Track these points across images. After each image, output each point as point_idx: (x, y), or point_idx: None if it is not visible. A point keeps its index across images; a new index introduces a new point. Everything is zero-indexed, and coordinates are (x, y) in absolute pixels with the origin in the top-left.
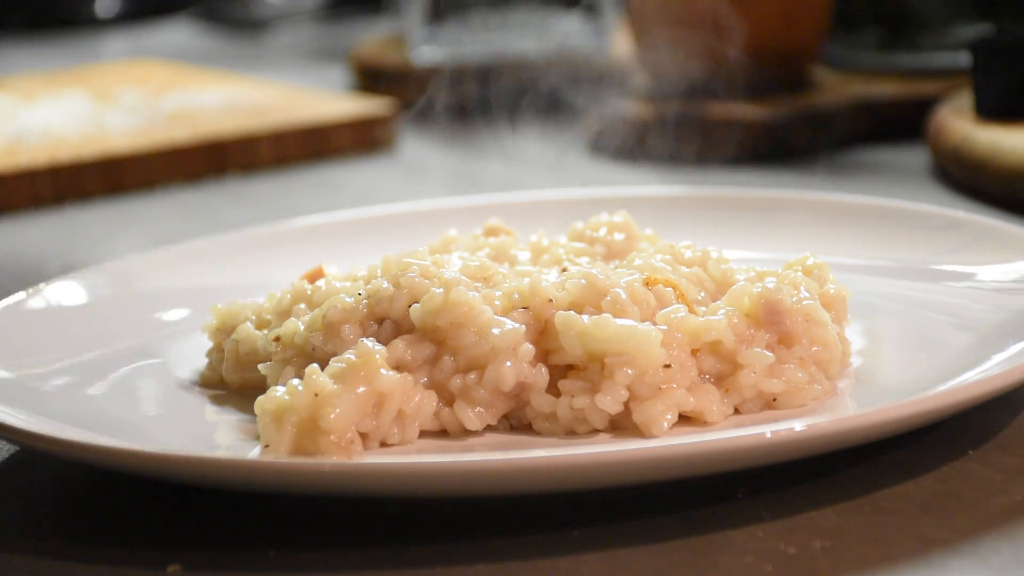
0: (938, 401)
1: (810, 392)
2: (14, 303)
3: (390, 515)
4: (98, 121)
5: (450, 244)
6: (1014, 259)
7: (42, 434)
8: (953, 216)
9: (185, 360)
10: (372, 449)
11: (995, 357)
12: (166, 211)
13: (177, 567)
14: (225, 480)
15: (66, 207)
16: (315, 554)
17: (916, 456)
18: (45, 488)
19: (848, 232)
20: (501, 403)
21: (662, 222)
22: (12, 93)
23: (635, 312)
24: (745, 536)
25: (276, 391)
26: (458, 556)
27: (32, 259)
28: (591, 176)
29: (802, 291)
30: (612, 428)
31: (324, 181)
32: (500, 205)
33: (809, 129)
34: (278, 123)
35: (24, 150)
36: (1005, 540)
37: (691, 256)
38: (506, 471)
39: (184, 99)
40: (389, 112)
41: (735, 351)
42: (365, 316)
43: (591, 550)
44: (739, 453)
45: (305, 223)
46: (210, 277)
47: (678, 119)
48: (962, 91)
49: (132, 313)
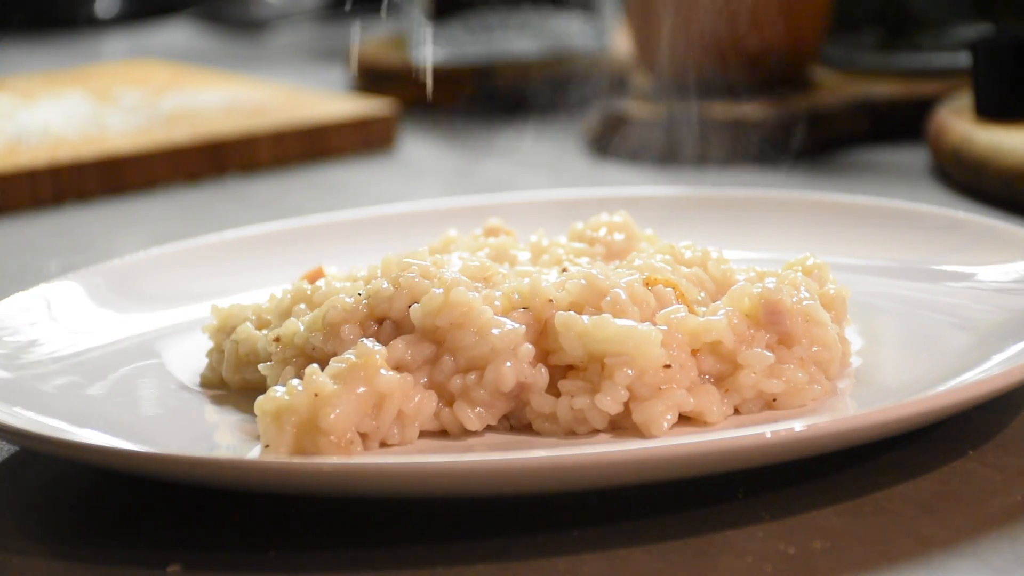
0: (938, 401)
1: (810, 392)
2: (14, 303)
3: (390, 515)
4: (98, 121)
5: (450, 244)
6: (1014, 259)
7: (42, 434)
8: (953, 216)
9: (185, 360)
10: (372, 449)
11: (995, 357)
12: (166, 211)
13: (177, 567)
14: (225, 480)
15: (66, 207)
16: (315, 554)
17: (916, 456)
18: (45, 488)
19: (848, 232)
20: (501, 403)
21: (662, 222)
22: (12, 93)
23: (635, 312)
24: (745, 536)
25: (276, 391)
26: (458, 556)
27: (32, 259)
28: (591, 176)
29: (802, 291)
30: (612, 428)
31: (324, 181)
32: (500, 205)
33: (809, 129)
34: (278, 123)
35: (24, 150)
36: (1005, 540)
37: (691, 256)
38: (506, 471)
39: (184, 99)
40: (389, 112)
41: (735, 351)
42: (365, 316)
43: (591, 550)
44: (739, 453)
45: (305, 223)
46: (210, 277)
47: (678, 119)
48: (962, 91)
49: (132, 313)
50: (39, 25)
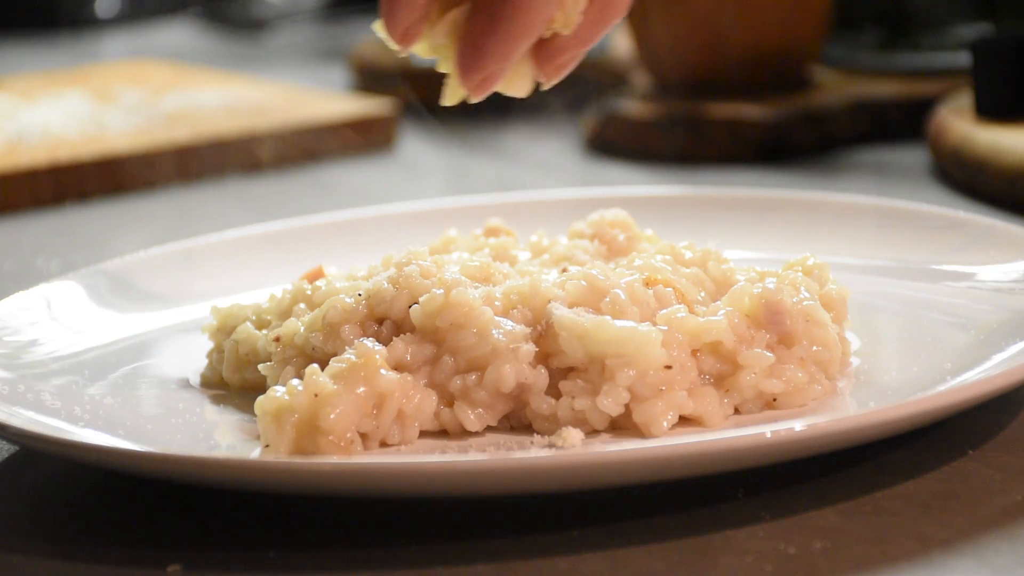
0: (938, 401)
1: (810, 392)
2: (14, 303)
3: (390, 515)
4: (98, 121)
5: (450, 244)
6: (1014, 259)
7: (42, 434)
8: (953, 216)
9: (185, 360)
10: (372, 449)
11: (995, 357)
12: (166, 211)
13: (177, 567)
14: (225, 480)
15: (66, 207)
16: (315, 554)
17: (916, 456)
18: (45, 488)
19: (848, 232)
20: (501, 404)
21: (662, 222)
22: (12, 93)
23: (635, 312)
24: (745, 536)
25: (276, 391)
26: (458, 556)
27: (32, 259)
28: (591, 176)
29: (802, 291)
30: (612, 428)
31: (324, 181)
32: (500, 205)
33: (809, 129)
34: (278, 123)
35: (24, 150)
36: (1005, 540)
37: (691, 256)
38: (506, 471)
39: (184, 99)
40: (389, 112)
41: (735, 351)
42: (365, 316)
43: (591, 550)
44: (739, 453)
45: (305, 223)
46: (210, 277)
47: (678, 119)
48: (962, 91)
49: (132, 313)
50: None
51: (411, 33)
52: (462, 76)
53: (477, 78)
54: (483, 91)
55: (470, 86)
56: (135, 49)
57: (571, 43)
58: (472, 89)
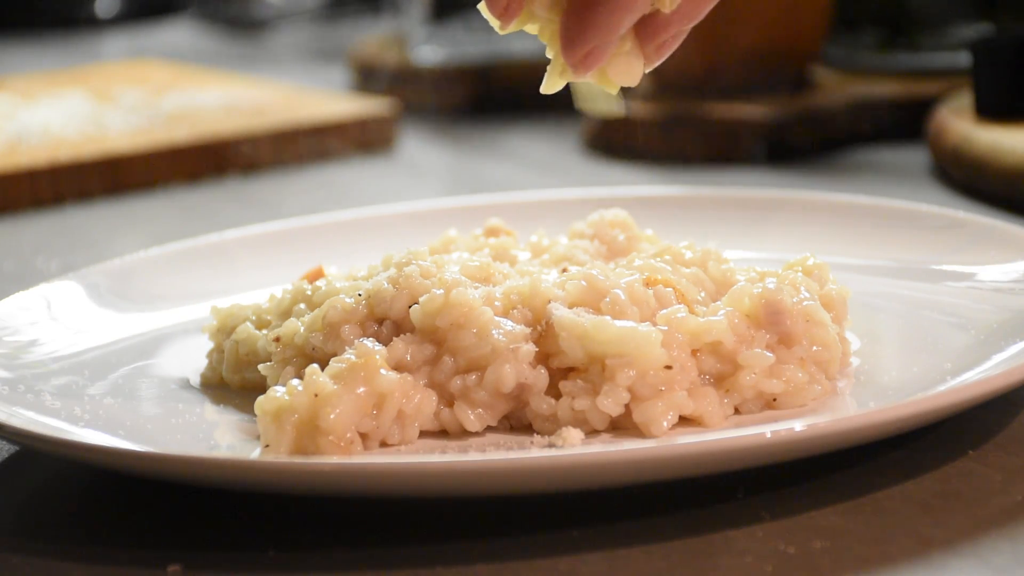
0: (938, 401)
1: (810, 392)
2: (14, 303)
3: (390, 515)
4: (98, 121)
5: (450, 244)
6: (1014, 259)
7: (42, 434)
8: (953, 216)
9: (185, 360)
10: (372, 449)
11: (995, 357)
12: (166, 211)
13: (177, 567)
14: (225, 480)
15: (66, 207)
16: (315, 554)
17: (916, 456)
18: (45, 488)
19: (848, 232)
20: (501, 404)
21: (662, 222)
22: (12, 93)
23: (635, 313)
24: (745, 536)
25: (276, 391)
26: (458, 556)
27: (32, 259)
28: (591, 176)
29: (802, 291)
30: (612, 429)
31: (324, 181)
32: (500, 205)
33: (809, 129)
34: (278, 123)
35: (24, 150)
36: (1005, 540)
37: (691, 256)
38: (506, 471)
39: (184, 99)
40: (389, 112)
41: (735, 351)
42: (365, 316)
43: (591, 550)
44: (739, 453)
45: (305, 223)
46: (210, 277)
47: (678, 119)
48: (962, 91)
49: (132, 313)
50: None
51: (512, 7)
52: (565, 50)
53: (581, 52)
54: (586, 68)
55: (573, 61)
56: (135, 49)
57: (674, 19)
58: (575, 65)
